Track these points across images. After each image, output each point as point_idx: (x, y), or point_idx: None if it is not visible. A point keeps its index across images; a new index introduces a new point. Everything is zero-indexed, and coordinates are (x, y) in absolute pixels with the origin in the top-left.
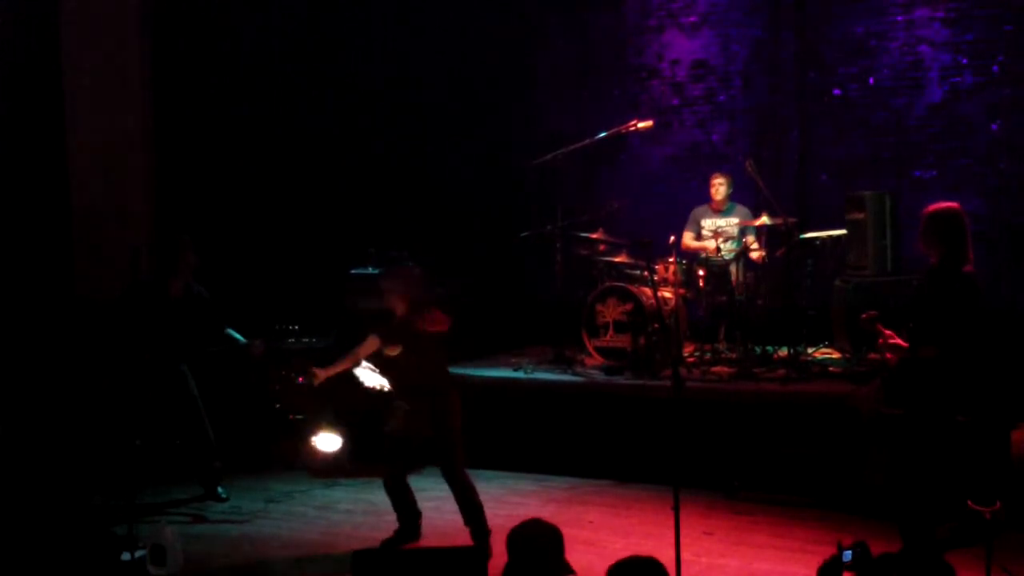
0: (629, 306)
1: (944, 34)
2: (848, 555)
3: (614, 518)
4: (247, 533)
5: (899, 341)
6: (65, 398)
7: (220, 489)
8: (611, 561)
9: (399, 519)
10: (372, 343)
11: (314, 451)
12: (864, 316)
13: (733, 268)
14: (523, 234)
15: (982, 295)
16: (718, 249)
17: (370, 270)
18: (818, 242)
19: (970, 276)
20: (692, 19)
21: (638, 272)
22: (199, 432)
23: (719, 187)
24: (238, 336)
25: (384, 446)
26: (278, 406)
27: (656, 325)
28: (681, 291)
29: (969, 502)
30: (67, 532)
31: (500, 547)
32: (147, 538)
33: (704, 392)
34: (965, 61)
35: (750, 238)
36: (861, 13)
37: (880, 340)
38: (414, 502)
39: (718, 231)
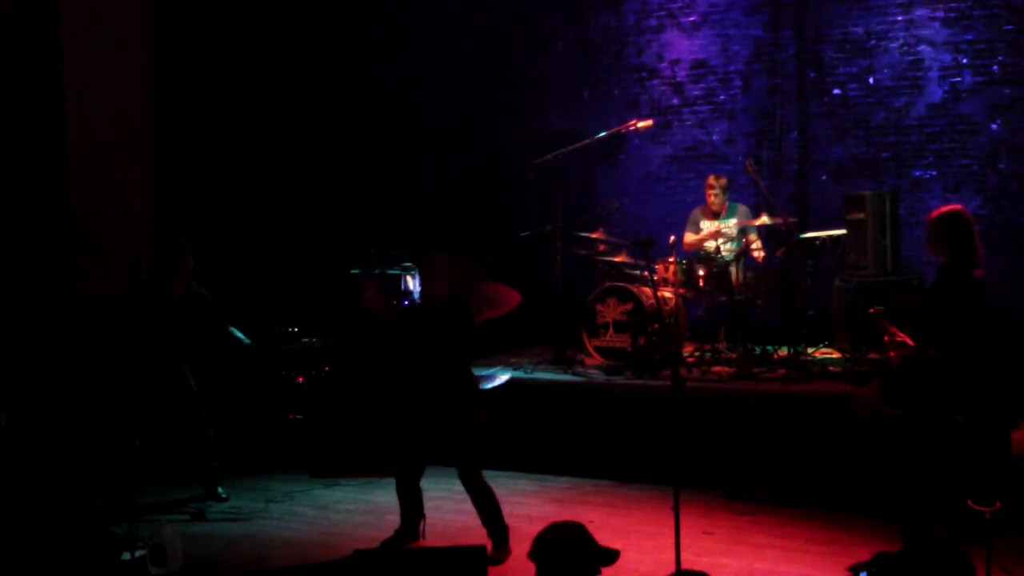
0: (629, 306)
1: (944, 34)
2: None
3: (614, 518)
4: (247, 533)
5: (906, 339)
6: (65, 398)
7: (220, 489)
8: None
9: (402, 518)
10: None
11: None
12: (872, 311)
13: (733, 268)
14: (523, 234)
15: (987, 298)
16: (718, 249)
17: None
18: (818, 242)
19: (979, 280)
20: (692, 19)
21: (638, 272)
22: (199, 432)
23: (714, 196)
24: (240, 335)
25: (399, 447)
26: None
27: (656, 325)
28: (681, 291)
29: (969, 502)
30: (67, 532)
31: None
32: (147, 538)
33: (704, 392)
34: (965, 61)
35: (751, 236)
36: (861, 13)
37: (886, 337)
38: (420, 504)
39: (719, 232)
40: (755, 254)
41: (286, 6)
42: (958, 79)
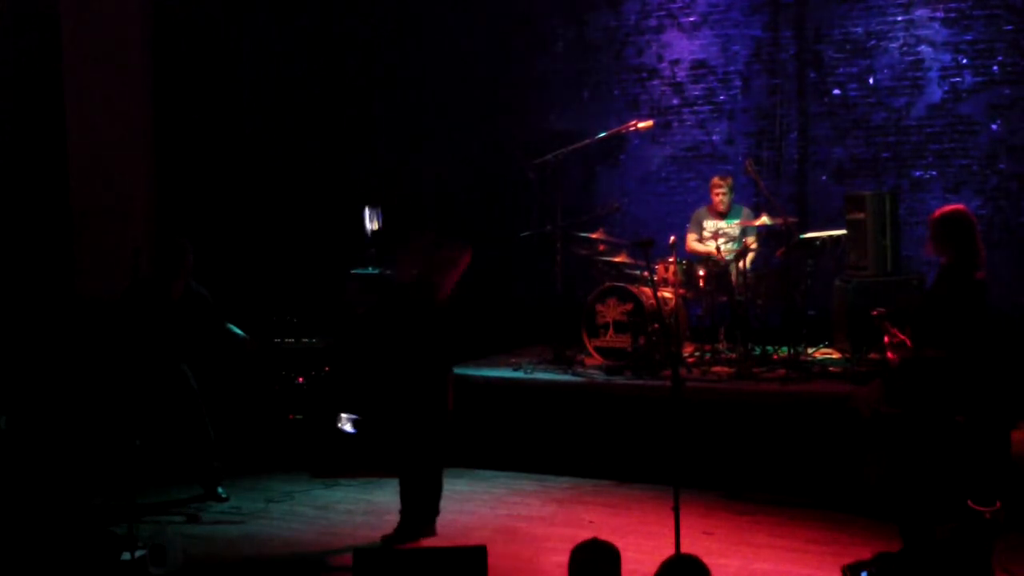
0: (629, 306)
1: (944, 34)
2: None
3: (614, 518)
4: (247, 533)
5: (906, 340)
6: (65, 398)
7: (220, 489)
8: None
9: (401, 514)
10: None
11: None
12: (874, 313)
13: (733, 268)
14: (523, 234)
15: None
16: (718, 249)
17: (370, 270)
18: (818, 242)
19: (981, 282)
20: (692, 19)
21: (638, 272)
22: (199, 431)
23: (723, 196)
24: (238, 331)
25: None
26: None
27: (656, 325)
28: (681, 291)
29: (969, 502)
30: (67, 532)
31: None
32: (147, 538)
33: (704, 392)
34: (965, 61)
35: (750, 239)
36: (861, 13)
37: (886, 338)
38: (419, 501)
39: (719, 232)
40: (750, 255)
41: (286, 6)
42: (958, 79)
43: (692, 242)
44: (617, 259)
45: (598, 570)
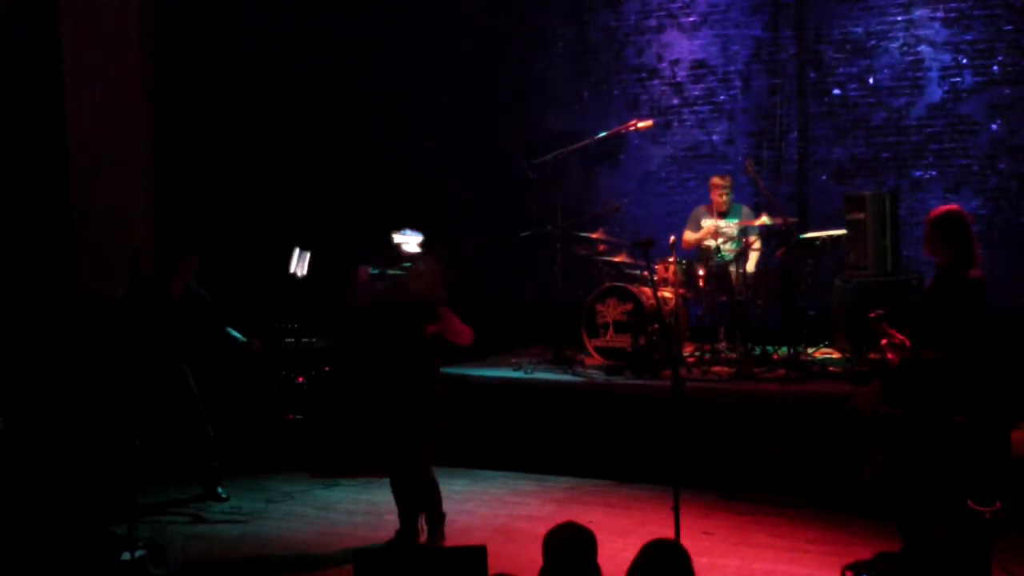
0: (629, 306)
1: (944, 34)
2: None
3: (614, 518)
4: (247, 533)
5: (905, 340)
6: (65, 398)
7: (220, 489)
8: (611, 561)
9: (400, 518)
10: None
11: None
12: (872, 315)
13: (733, 268)
14: (523, 234)
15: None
16: (718, 249)
17: (370, 270)
18: (818, 242)
19: (978, 281)
20: (692, 19)
21: (638, 272)
22: (199, 432)
23: (723, 195)
24: (238, 335)
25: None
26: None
27: (656, 325)
28: (681, 291)
29: (969, 502)
30: (67, 532)
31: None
32: (147, 538)
33: (704, 392)
34: (965, 61)
35: (751, 237)
36: (861, 13)
37: (884, 340)
38: (416, 500)
39: (718, 231)
40: (752, 253)
41: (286, 6)
42: (958, 79)
43: (688, 236)
44: (617, 259)
45: (572, 555)
